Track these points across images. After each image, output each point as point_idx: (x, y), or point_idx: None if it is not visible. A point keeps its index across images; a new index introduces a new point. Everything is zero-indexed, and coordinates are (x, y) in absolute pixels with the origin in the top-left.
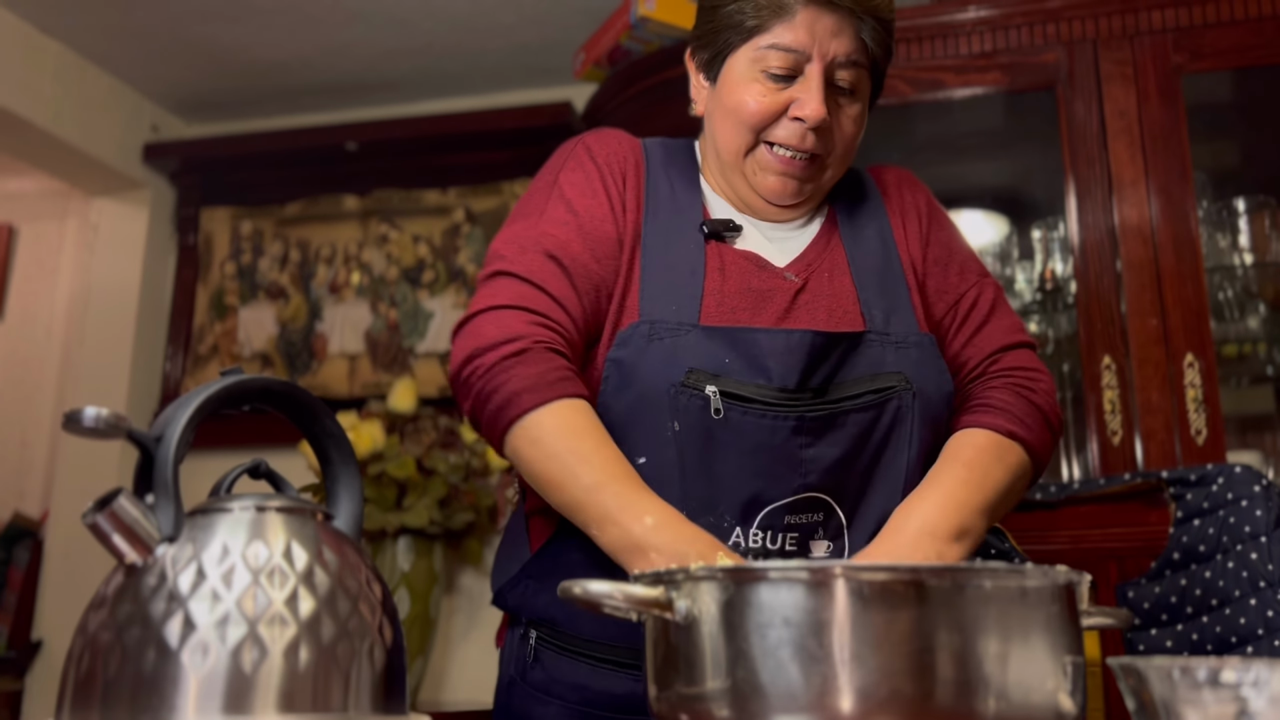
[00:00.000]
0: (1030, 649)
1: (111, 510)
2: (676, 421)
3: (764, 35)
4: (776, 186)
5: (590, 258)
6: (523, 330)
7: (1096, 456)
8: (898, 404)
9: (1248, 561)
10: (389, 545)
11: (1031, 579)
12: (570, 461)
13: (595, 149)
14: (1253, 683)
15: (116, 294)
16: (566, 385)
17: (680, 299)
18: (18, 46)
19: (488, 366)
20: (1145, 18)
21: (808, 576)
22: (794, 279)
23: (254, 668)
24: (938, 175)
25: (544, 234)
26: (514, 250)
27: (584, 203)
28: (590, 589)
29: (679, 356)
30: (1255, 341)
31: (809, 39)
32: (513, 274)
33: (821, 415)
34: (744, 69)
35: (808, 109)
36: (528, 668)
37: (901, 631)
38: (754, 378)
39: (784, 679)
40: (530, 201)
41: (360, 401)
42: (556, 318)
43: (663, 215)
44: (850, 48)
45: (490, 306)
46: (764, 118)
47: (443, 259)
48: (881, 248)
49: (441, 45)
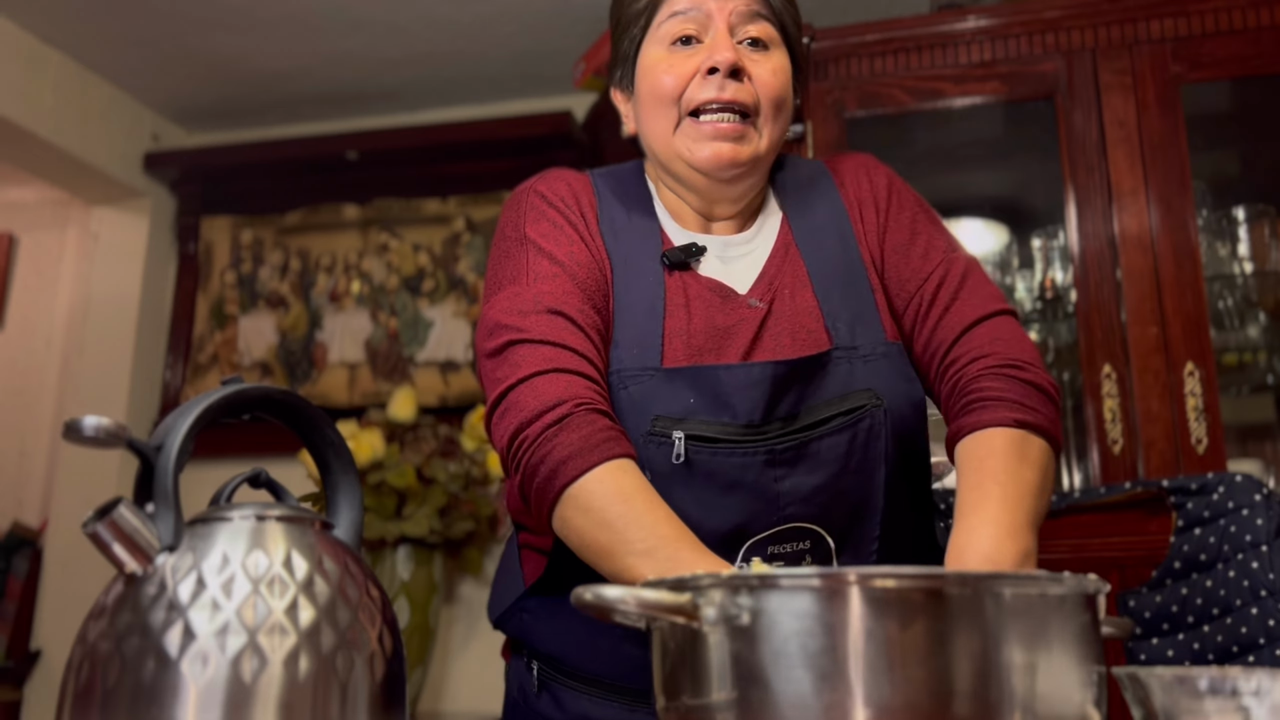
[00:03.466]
0: (1058, 659)
1: (111, 519)
2: (649, 470)
3: (660, 11)
4: (711, 154)
5: (590, 306)
6: (562, 394)
7: (1097, 465)
8: (869, 422)
9: (1249, 570)
10: (389, 554)
11: (1061, 587)
12: (620, 527)
13: (547, 194)
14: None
15: (117, 303)
16: (611, 446)
17: (642, 342)
18: (19, 56)
19: (533, 439)
20: (1144, 27)
21: (821, 584)
22: (759, 304)
23: (254, 677)
24: (937, 185)
25: (540, 293)
26: (516, 317)
27: (564, 250)
28: (604, 594)
29: (644, 404)
30: (1255, 350)
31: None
32: (527, 340)
33: (792, 445)
34: (651, 52)
35: (717, 55)
36: (531, 696)
37: (919, 642)
38: (719, 416)
39: (796, 690)
40: (506, 265)
41: (360, 410)
42: (588, 372)
43: (622, 251)
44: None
45: (522, 378)
46: (680, 83)
47: (443, 268)
48: (841, 249)
49: (442, 54)
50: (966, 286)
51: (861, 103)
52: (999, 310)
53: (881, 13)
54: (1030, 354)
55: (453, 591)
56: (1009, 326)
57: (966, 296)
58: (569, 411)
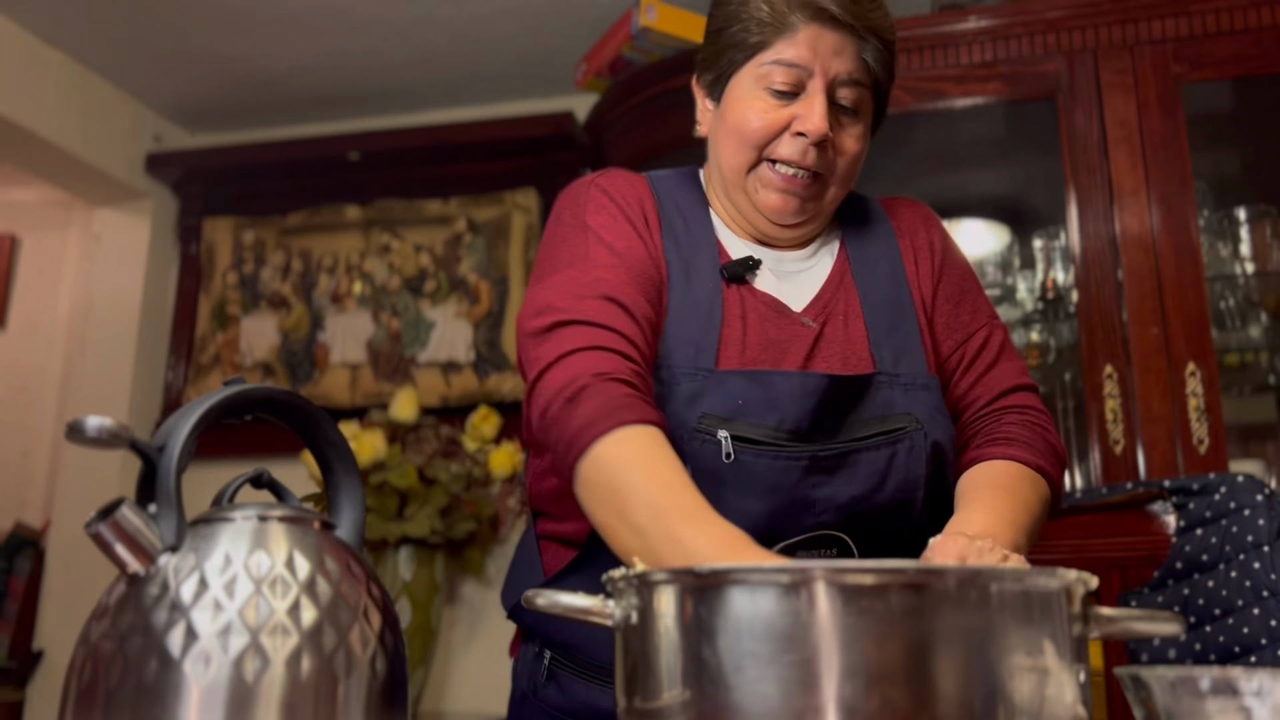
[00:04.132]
0: (1043, 659)
1: (114, 520)
2: (691, 465)
3: (767, 52)
4: (778, 204)
5: (644, 299)
6: (586, 368)
7: (1098, 466)
8: (910, 443)
9: (1251, 571)
10: (390, 555)
11: (1041, 581)
12: (620, 505)
13: (611, 189)
14: (1256, 692)
15: (119, 304)
16: (628, 412)
17: (699, 342)
18: (21, 57)
19: (554, 417)
20: (1145, 28)
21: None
22: (812, 324)
23: (256, 677)
24: (939, 185)
25: (596, 279)
26: (569, 300)
27: (624, 243)
28: (558, 600)
29: (694, 401)
30: (1257, 350)
31: (811, 55)
32: (575, 321)
33: (833, 455)
34: (747, 87)
35: (810, 123)
36: (540, 685)
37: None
38: (767, 420)
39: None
40: (563, 249)
41: (362, 411)
42: (624, 350)
43: (681, 253)
44: (852, 66)
45: (558, 357)
46: (767, 134)
47: (444, 268)
48: (893, 284)
49: (443, 55)
50: (1005, 354)
51: None
52: (1029, 385)
53: None
54: (1051, 425)
55: (454, 592)
56: (1035, 399)
57: (1005, 363)
58: (587, 383)
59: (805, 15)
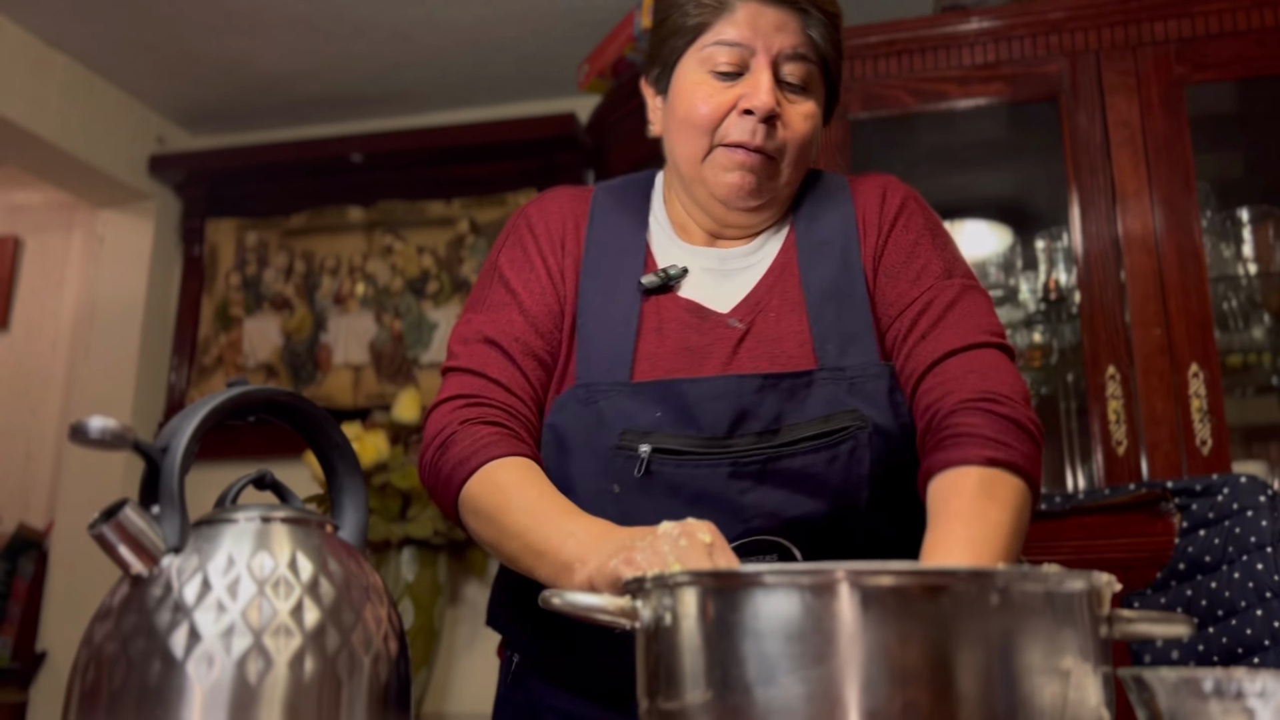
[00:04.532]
0: (1067, 661)
1: (118, 521)
2: (616, 484)
3: (708, 34)
4: (735, 182)
5: (532, 333)
6: (448, 418)
7: (1101, 467)
8: (852, 445)
9: (1254, 572)
10: (393, 556)
11: (1067, 583)
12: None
13: (534, 220)
14: (1259, 693)
15: (122, 305)
16: (495, 448)
17: (614, 358)
18: (24, 59)
19: (429, 465)
20: (1148, 29)
21: (788, 581)
22: (737, 325)
23: (259, 678)
24: (941, 186)
25: (485, 321)
26: (459, 344)
27: (521, 279)
28: (571, 599)
29: (612, 419)
30: (1260, 352)
31: (752, 33)
32: (456, 369)
33: (757, 461)
34: (691, 72)
35: (756, 99)
36: (512, 688)
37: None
38: (685, 429)
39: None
40: (478, 289)
41: (365, 412)
42: (491, 395)
43: (604, 272)
44: (796, 41)
45: (434, 405)
46: (715, 116)
47: (447, 270)
48: (843, 269)
49: (446, 57)
50: (952, 315)
51: (865, 104)
52: (981, 343)
53: (885, 14)
54: (1010, 388)
55: (457, 593)
56: (990, 359)
57: (950, 325)
58: (455, 430)
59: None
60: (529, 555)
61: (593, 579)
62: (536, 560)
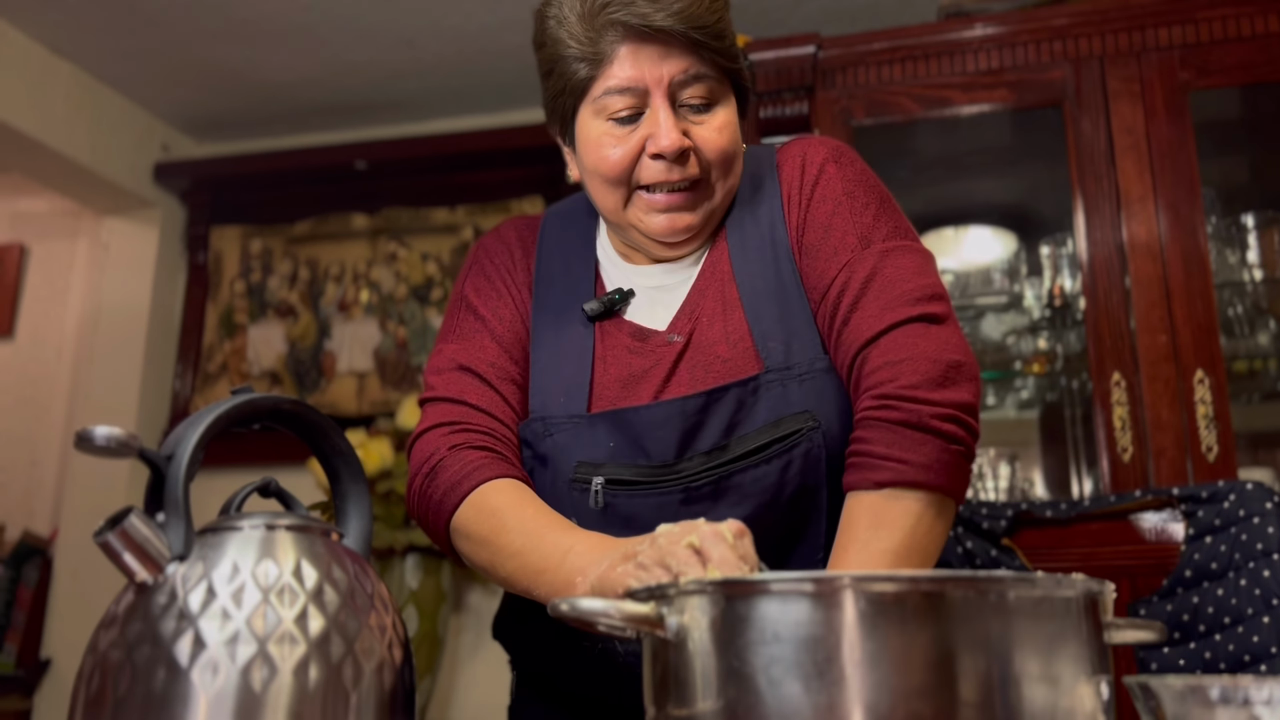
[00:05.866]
0: (1063, 667)
1: (123, 529)
2: (574, 515)
3: (595, 85)
4: (665, 225)
5: (506, 359)
6: (434, 445)
7: (1107, 473)
8: (806, 447)
9: (1260, 579)
10: (397, 563)
11: (1064, 589)
12: (494, 539)
13: (490, 248)
14: (1266, 701)
15: (127, 313)
16: (480, 473)
17: (569, 391)
18: (30, 68)
19: (417, 493)
20: (1152, 34)
21: (811, 589)
22: (676, 339)
23: (264, 686)
24: (945, 193)
25: (459, 350)
26: (434, 375)
27: (489, 306)
28: (580, 606)
29: (568, 451)
30: (1265, 357)
31: (638, 73)
32: (435, 398)
33: (709, 480)
34: (591, 124)
35: (661, 141)
36: (517, 701)
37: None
38: (635, 458)
39: (777, 701)
40: (447, 321)
41: (369, 419)
42: (474, 420)
43: (553, 301)
44: (684, 64)
45: (416, 436)
46: (625, 165)
47: (451, 277)
48: (773, 258)
49: (450, 65)
50: (869, 292)
51: (869, 111)
52: (896, 321)
53: (889, 21)
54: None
55: (461, 600)
56: (907, 337)
57: (867, 305)
58: (440, 458)
59: (615, 36)
60: (527, 575)
61: (595, 590)
62: (535, 579)
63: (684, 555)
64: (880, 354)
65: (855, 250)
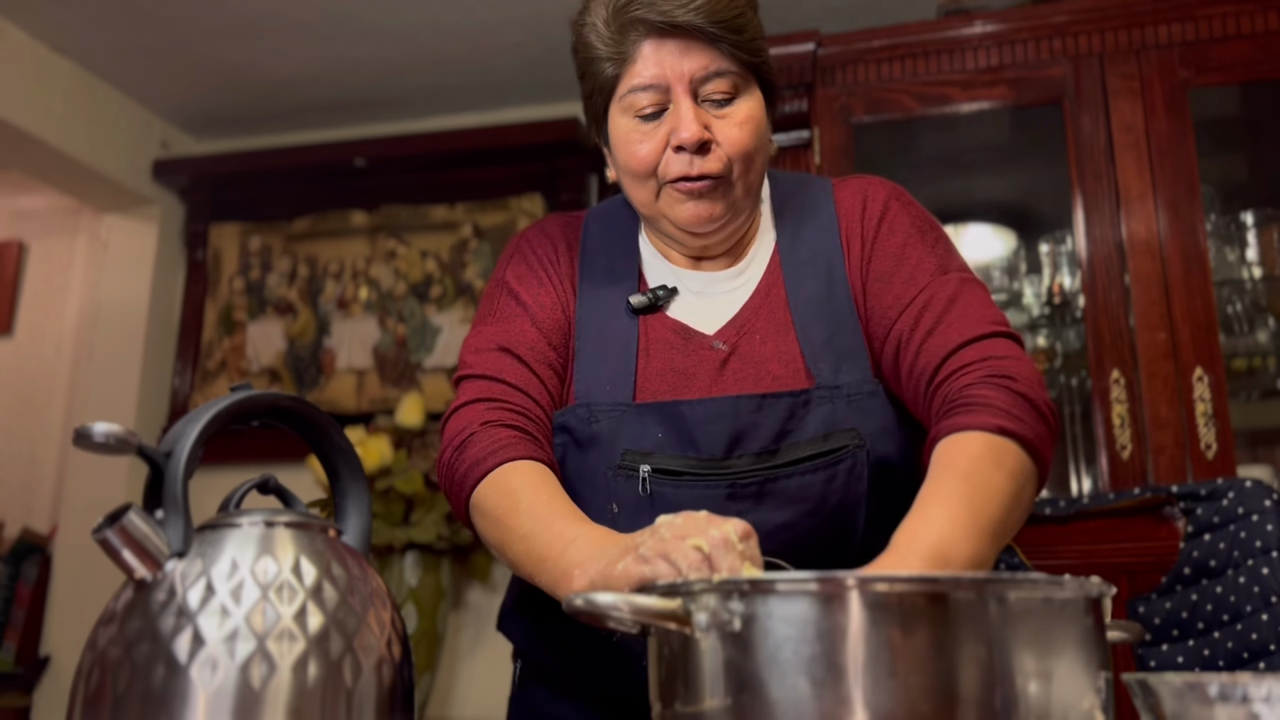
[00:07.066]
0: (1064, 665)
1: (122, 525)
2: (615, 503)
3: (621, 84)
4: (691, 213)
5: (545, 344)
6: (468, 419)
7: (1106, 471)
8: (851, 463)
9: (1259, 576)
10: (397, 560)
11: (1065, 590)
12: (506, 520)
13: (533, 239)
14: (1265, 698)
15: (126, 310)
16: (511, 450)
17: (615, 379)
18: (29, 64)
19: (446, 465)
20: (1151, 32)
21: (818, 588)
22: (721, 347)
23: (263, 683)
24: (945, 190)
25: (498, 332)
26: (472, 354)
27: (530, 293)
28: (596, 600)
29: (615, 439)
30: (1264, 355)
31: (660, 70)
32: (472, 375)
33: (756, 480)
34: (619, 122)
35: (681, 133)
36: (519, 692)
37: (919, 647)
38: (684, 450)
39: (792, 697)
40: (483, 305)
41: (368, 417)
42: (510, 399)
43: (598, 293)
44: (705, 60)
45: (452, 410)
46: (652, 160)
47: (450, 274)
48: (827, 283)
49: (449, 62)
50: (955, 310)
51: (869, 108)
52: (990, 333)
53: (889, 18)
54: (1027, 372)
55: (460, 597)
56: (1003, 347)
57: (954, 320)
58: (474, 431)
59: (638, 35)
60: (531, 560)
61: (594, 584)
62: (538, 566)
63: (692, 556)
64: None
65: (934, 275)
